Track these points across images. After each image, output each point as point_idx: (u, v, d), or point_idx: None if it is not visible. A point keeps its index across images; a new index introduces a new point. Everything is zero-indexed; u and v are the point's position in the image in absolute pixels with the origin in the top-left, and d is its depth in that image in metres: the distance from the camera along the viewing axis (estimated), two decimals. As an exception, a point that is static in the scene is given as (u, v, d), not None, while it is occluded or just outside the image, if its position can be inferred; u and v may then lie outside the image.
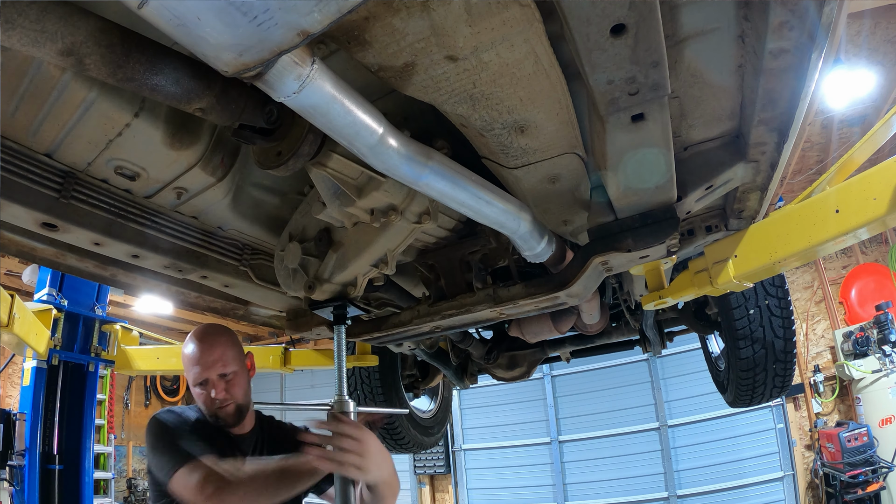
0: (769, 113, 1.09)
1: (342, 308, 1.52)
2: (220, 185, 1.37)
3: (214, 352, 1.64)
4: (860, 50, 4.59)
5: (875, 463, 5.69)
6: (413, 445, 3.27)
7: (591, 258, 1.37)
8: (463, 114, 0.96)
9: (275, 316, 2.31)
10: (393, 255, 1.37)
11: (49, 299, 4.35)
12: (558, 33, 0.81)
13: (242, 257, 1.71)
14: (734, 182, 1.38)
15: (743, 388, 2.68)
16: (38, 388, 4.19)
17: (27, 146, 1.18)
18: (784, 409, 6.69)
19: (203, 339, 1.66)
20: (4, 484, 4.15)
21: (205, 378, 1.62)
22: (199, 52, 0.64)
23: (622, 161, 1.08)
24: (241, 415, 1.67)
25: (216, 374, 1.63)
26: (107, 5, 0.78)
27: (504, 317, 1.68)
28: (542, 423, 7.92)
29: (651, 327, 2.72)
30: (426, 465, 8.56)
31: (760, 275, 1.68)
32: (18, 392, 4.84)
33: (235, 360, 1.67)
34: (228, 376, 1.64)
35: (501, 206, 1.15)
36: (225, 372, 1.64)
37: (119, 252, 1.45)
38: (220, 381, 1.63)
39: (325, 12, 0.59)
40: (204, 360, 1.63)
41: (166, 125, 1.18)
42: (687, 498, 6.91)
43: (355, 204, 1.19)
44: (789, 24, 0.83)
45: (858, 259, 7.20)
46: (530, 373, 2.86)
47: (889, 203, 1.35)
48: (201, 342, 1.66)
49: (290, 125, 0.97)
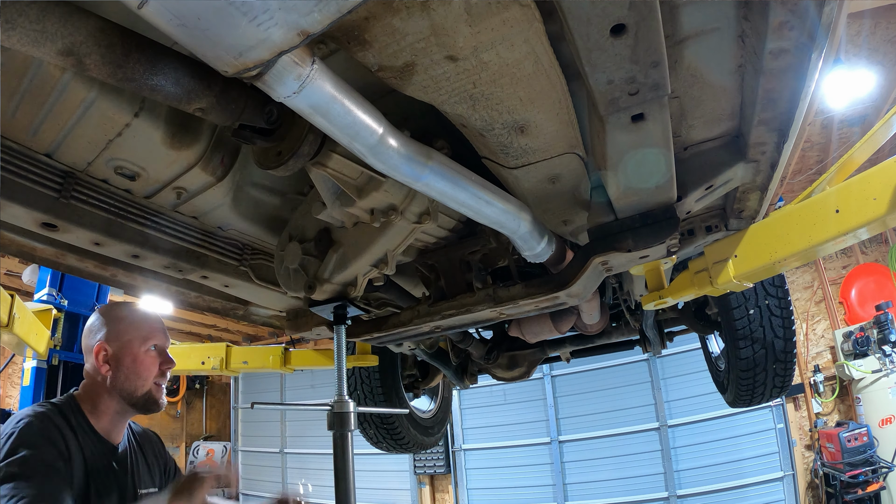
0: (769, 113, 1.09)
1: (342, 308, 1.52)
2: (220, 185, 1.37)
3: (162, 324, 1.54)
4: (860, 50, 4.59)
5: (875, 463, 5.69)
6: (413, 445, 3.27)
7: (591, 258, 1.37)
8: (463, 114, 0.96)
9: (275, 316, 2.31)
10: (393, 255, 1.37)
11: (49, 299, 4.36)
12: (558, 33, 0.81)
13: (242, 257, 1.71)
14: (734, 182, 1.38)
15: (743, 388, 2.68)
16: (38, 388, 4.19)
17: (27, 146, 1.18)
18: (784, 409, 6.69)
19: (147, 310, 1.55)
20: (4, 484, 4.14)
21: (161, 345, 1.50)
22: (198, 52, 0.64)
23: (622, 161, 1.08)
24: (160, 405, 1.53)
25: (168, 345, 1.53)
26: (107, 5, 0.78)
27: (504, 317, 1.68)
28: (542, 423, 7.92)
29: (651, 327, 2.72)
30: (426, 465, 8.56)
31: (760, 275, 1.68)
32: (18, 392, 4.84)
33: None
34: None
35: (501, 206, 1.15)
36: (168, 348, 1.54)
37: (119, 252, 1.45)
38: (167, 354, 1.53)
39: (325, 12, 0.59)
40: (159, 326, 1.53)
41: (166, 125, 1.18)
42: (687, 498, 6.91)
43: (355, 204, 1.19)
44: (789, 24, 0.83)
45: (858, 259, 7.19)
46: (530, 373, 2.86)
47: (889, 203, 1.35)
48: (146, 311, 1.55)
49: (290, 125, 0.97)
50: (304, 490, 1.58)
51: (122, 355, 1.44)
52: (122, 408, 1.46)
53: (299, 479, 9.80)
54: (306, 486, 1.68)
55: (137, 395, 1.45)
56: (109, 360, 1.43)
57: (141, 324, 1.50)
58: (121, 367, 1.44)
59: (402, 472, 8.84)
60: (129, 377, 1.44)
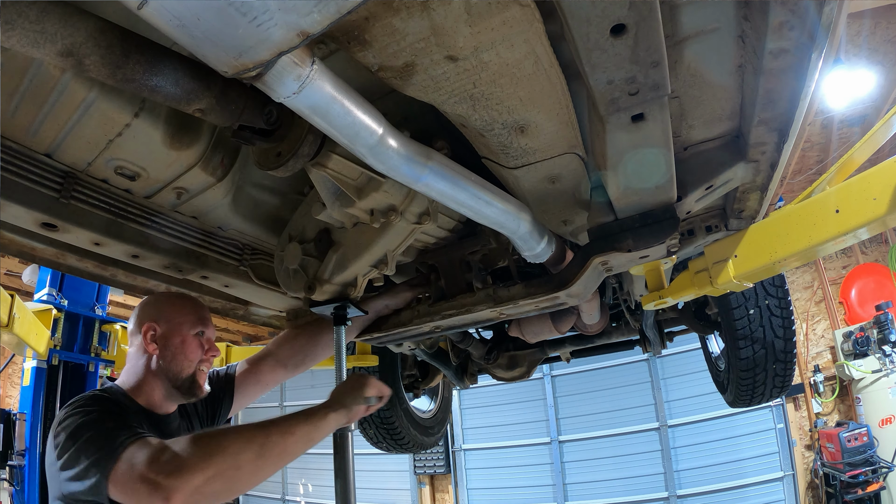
0: (769, 113, 1.09)
1: (342, 309, 1.52)
2: (220, 185, 1.37)
3: (208, 311, 1.55)
4: (860, 50, 4.59)
5: (875, 463, 5.69)
6: (413, 445, 3.27)
7: (591, 258, 1.37)
8: (463, 114, 0.96)
9: (275, 316, 2.31)
10: (393, 255, 1.37)
11: (49, 299, 4.36)
12: (558, 33, 0.81)
13: (242, 257, 1.71)
14: (734, 182, 1.38)
15: (743, 388, 2.68)
16: (38, 388, 4.20)
17: (27, 146, 1.18)
18: (784, 409, 6.69)
19: (192, 296, 1.55)
20: (4, 484, 4.15)
21: (209, 334, 1.50)
22: (198, 52, 0.64)
23: (622, 161, 1.08)
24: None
25: (212, 332, 1.52)
26: (107, 6, 0.78)
27: (504, 317, 1.68)
28: (542, 423, 7.93)
29: (651, 327, 2.72)
30: (426, 465, 8.56)
31: (760, 275, 1.68)
32: (18, 392, 4.84)
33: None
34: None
35: (501, 207, 1.15)
36: (212, 336, 1.54)
37: (119, 252, 1.45)
38: (213, 343, 1.53)
39: (324, 13, 0.59)
40: (208, 315, 1.53)
41: (166, 125, 1.18)
42: (687, 498, 6.92)
43: (355, 204, 1.19)
44: (789, 24, 0.83)
45: (858, 259, 7.20)
46: (530, 373, 2.85)
47: (889, 203, 1.35)
48: (197, 300, 1.56)
49: (289, 126, 0.97)
50: (304, 490, 1.58)
51: (170, 335, 1.44)
52: (168, 391, 1.44)
53: (299, 479, 9.81)
54: (306, 486, 1.67)
55: (182, 377, 1.44)
56: (157, 340, 1.43)
57: (192, 309, 1.50)
58: (168, 347, 1.43)
59: (402, 472, 8.85)
60: (175, 357, 1.43)
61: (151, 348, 1.42)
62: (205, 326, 1.50)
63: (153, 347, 1.42)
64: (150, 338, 1.42)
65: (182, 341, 1.44)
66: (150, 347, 1.42)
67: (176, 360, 1.43)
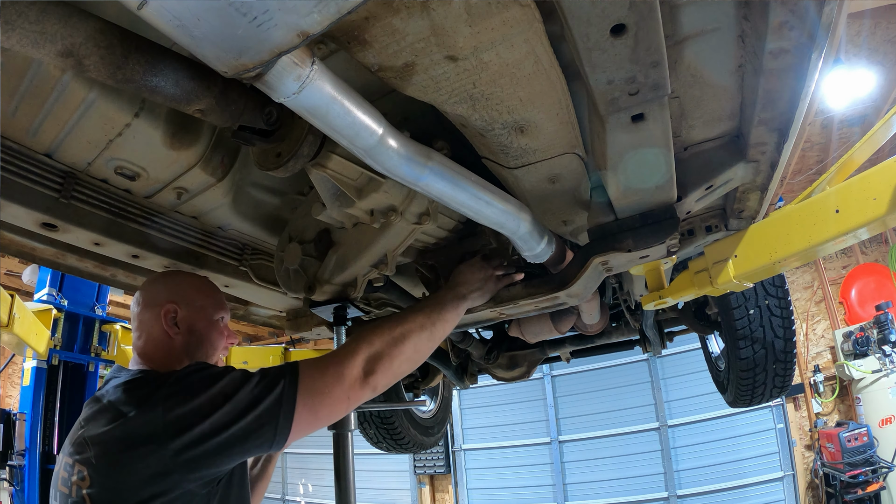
0: (769, 113, 1.09)
1: (342, 309, 1.52)
2: (220, 185, 1.38)
3: (223, 294, 1.43)
4: (860, 50, 4.59)
5: (875, 463, 5.69)
6: (413, 445, 3.27)
7: (591, 258, 1.37)
8: (463, 114, 0.96)
9: (275, 316, 2.31)
10: (393, 255, 1.37)
11: (49, 299, 4.37)
12: (558, 33, 0.81)
13: (242, 257, 1.71)
14: (734, 182, 1.38)
15: (743, 388, 2.68)
16: (38, 388, 4.20)
17: (27, 146, 1.18)
18: (784, 409, 6.69)
19: (206, 277, 1.42)
20: (4, 484, 4.15)
21: (227, 316, 1.39)
22: (198, 53, 0.64)
23: (622, 161, 1.08)
24: None
25: (228, 317, 1.41)
26: (107, 6, 0.78)
27: (504, 317, 1.68)
28: (542, 423, 7.92)
29: (651, 327, 2.72)
30: (426, 465, 8.56)
31: (760, 275, 1.68)
32: (18, 392, 4.84)
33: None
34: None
35: (501, 207, 1.15)
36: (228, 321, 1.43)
37: (119, 252, 1.45)
38: (230, 329, 1.41)
39: (324, 13, 0.59)
40: (222, 296, 1.40)
41: (166, 125, 1.18)
42: (687, 498, 6.92)
43: (355, 205, 1.19)
44: (789, 24, 0.83)
45: (858, 259, 7.19)
46: (530, 373, 2.85)
47: (889, 203, 1.35)
48: (206, 278, 1.41)
49: (289, 126, 0.97)
50: (304, 490, 1.55)
51: (195, 320, 1.28)
52: None
53: (299, 479, 9.81)
54: (306, 486, 1.66)
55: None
56: (179, 323, 1.26)
57: (212, 292, 1.36)
58: (193, 332, 1.27)
59: (402, 472, 8.84)
60: (202, 343, 1.29)
61: (173, 331, 1.24)
62: (225, 311, 1.37)
63: (174, 331, 1.25)
64: (170, 320, 1.25)
65: (208, 326, 1.31)
66: (172, 331, 1.24)
67: (202, 347, 1.29)
